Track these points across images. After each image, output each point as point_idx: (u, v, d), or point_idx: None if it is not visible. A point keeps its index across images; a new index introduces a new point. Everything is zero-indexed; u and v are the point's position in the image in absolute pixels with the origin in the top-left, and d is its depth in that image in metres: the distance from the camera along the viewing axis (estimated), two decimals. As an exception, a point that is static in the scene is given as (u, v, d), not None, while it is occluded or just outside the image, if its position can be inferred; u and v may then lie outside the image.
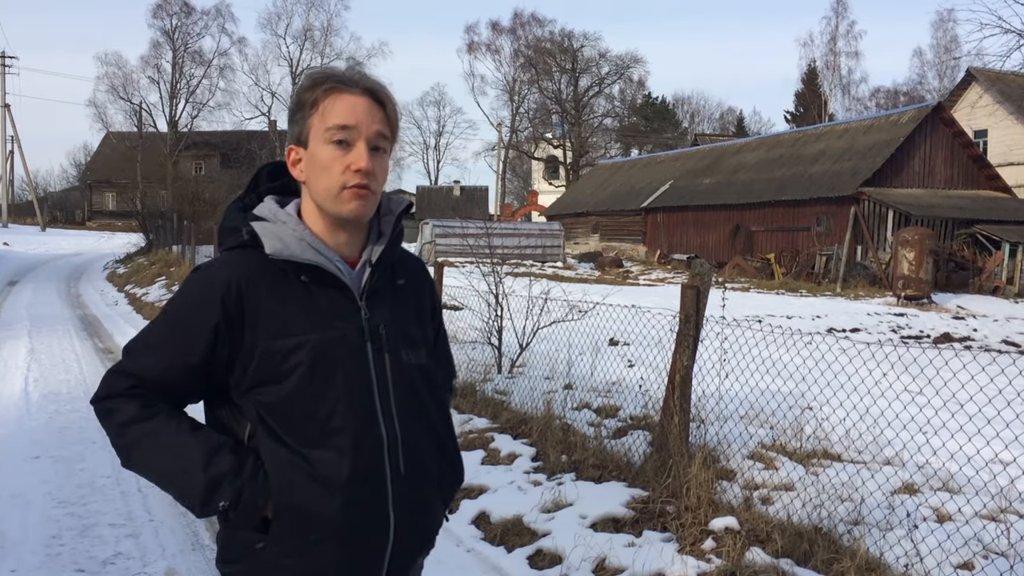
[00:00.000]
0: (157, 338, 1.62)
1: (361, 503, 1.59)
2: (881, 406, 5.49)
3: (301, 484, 1.56)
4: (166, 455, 1.56)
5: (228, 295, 1.57)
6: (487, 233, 8.71)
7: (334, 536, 1.57)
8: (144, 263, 24.35)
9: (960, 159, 26.46)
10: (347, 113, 1.58)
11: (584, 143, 58.62)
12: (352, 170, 1.57)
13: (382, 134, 1.61)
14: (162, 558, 4.10)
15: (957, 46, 48.81)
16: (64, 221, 62.28)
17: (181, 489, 1.57)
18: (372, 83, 1.62)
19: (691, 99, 75.57)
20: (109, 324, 13.42)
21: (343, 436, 1.58)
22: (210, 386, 1.63)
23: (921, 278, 18.62)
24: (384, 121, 1.62)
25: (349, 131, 1.58)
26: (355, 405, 1.60)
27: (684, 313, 4.85)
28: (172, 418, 1.59)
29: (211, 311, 1.57)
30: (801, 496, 4.46)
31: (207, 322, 1.57)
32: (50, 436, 6.32)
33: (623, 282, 22.69)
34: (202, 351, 1.57)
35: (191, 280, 1.64)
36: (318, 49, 57.88)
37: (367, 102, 1.60)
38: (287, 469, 1.56)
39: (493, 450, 5.66)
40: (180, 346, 1.58)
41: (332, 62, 56.92)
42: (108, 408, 1.61)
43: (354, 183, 1.58)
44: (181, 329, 1.59)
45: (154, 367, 1.59)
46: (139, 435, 1.58)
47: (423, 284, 1.84)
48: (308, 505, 1.56)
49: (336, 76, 1.61)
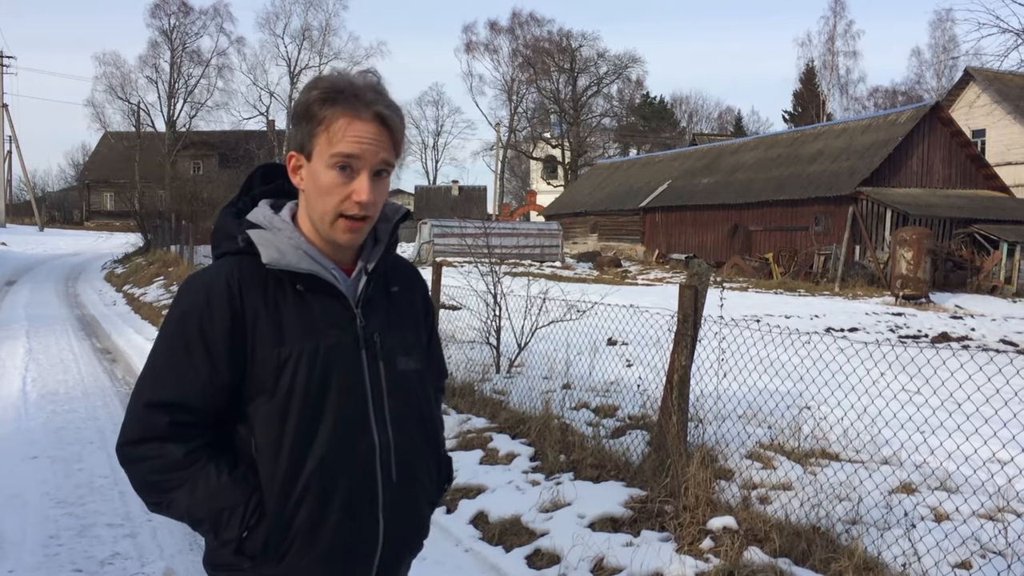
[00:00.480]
0: (178, 357, 1.56)
1: (352, 510, 1.60)
2: (879, 405, 5.49)
3: (295, 492, 1.56)
4: (209, 501, 1.55)
5: (232, 300, 1.56)
6: (485, 233, 8.71)
7: (324, 543, 1.58)
8: (142, 263, 24.34)
9: (958, 159, 26.49)
10: (354, 143, 1.54)
11: (582, 143, 58.65)
12: (353, 200, 1.56)
13: (387, 161, 1.59)
14: (160, 558, 4.10)
15: (955, 46, 48.88)
16: (62, 221, 62.22)
17: (215, 528, 1.56)
18: (383, 108, 1.57)
19: (689, 99, 75.66)
20: (107, 324, 13.41)
21: (336, 443, 1.58)
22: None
23: (919, 277, 18.63)
24: (390, 147, 1.59)
25: (354, 160, 1.55)
26: (349, 412, 1.60)
27: (682, 313, 4.85)
28: (211, 462, 1.56)
29: (221, 317, 1.55)
30: (799, 495, 4.47)
31: (222, 330, 1.55)
32: (48, 436, 6.31)
33: (621, 282, 22.70)
34: (227, 360, 1.55)
35: (191, 291, 1.59)
36: (316, 49, 57.86)
37: (376, 129, 1.56)
38: (282, 478, 1.56)
39: (491, 450, 5.66)
40: (204, 360, 1.54)
41: (331, 62, 56.95)
42: (143, 454, 1.55)
43: (351, 213, 1.57)
44: (199, 342, 1.55)
45: (187, 390, 1.55)
46: (181, 481, 1.55)
47: (416, 289, 1.85)
48: (300, 514, 1.57)
49: (350, 96, 1.55)
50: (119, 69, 57.41)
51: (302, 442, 1.56)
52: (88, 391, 8.02)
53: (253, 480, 1.57)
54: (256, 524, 1.55)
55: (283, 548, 1.57)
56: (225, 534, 1.55)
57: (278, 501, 1.56)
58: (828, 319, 14.05)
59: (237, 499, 1.54)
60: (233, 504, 1.54)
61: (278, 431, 1.56)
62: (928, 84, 52.41)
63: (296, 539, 1.57)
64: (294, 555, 1.57)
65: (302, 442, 1.56)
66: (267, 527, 1.55)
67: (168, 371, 1.57)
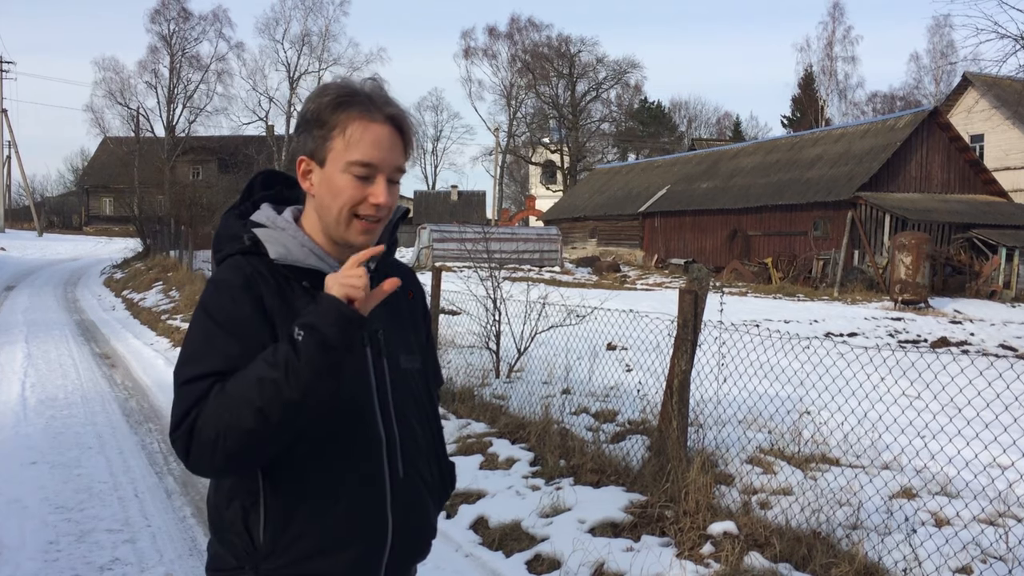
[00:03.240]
0: (208, 341, 1.51)
1: (361, 506, 1.60)
2: (879, 410, 5.49)
3: (302, 487, 1.56)
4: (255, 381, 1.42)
5: (251, 289, 1.56)
6: (485, 238, 8.73)
7: (330, 537, 1.58)
8: (141, 268, 24.33)
9: (957, 163, 26.54)
10: (372, 149, 1.56)
11: (581, 148, 58.68)
12: (371, 203, 1.58)
13: (399, 168, 1.62)
14: (160, 563, 4.09)
15: (953, 51, 49.00)
16: (61, 226, 62.18)
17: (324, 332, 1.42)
18: (395, 110, 1.60)
19: (688, 104, 75.68)
20: (106, 329, 13.40)
21: (343, 439, 1.59)
22: None
23: (918, 282, 18.65)
24: (403, 152, 1.62)
25: (371, 168, 1.57)
26: (355, 407, 1.60)
27: (682, 318, 4.85)
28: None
29: (244, 300, 1.54)
30: (799, 500, 4.46)
31: (249, 309, 1.53)
32: (47, 441, 6.30)
33: (621, 287, 22.71)
34: (256, 334, 1.51)
35: (212, 288, 1.59)
36: (316, 54, 57.84)
37: (391, 133, 1.58)
38: (289, 473, 1.56)
39: (491, 455, 5.66)
40: (233, 340, 1.50)
41: (330, 67, 56.98)
42: (191, 426, 1.44)
43: (367, 214, 1.58)
44: (229, 325, 1.51)
45: (222, 366, 1.48)
46: (245, 381, 1.43)
47: (415, 292, 1.86)
48: (310, 513, 1.56)
49: (362, 101, 1.56)
50: (118, 74, 57.38)
51: (309, 436, 1.56)
52: (87, 396, 8.01)
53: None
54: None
55: (289, 545, 1.56)
56: (344, 339, 1.42)
57: (285, 498, 1.55)
58: (827, 324, 14.05)
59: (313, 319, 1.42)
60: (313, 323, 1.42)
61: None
62: (927, 89, 52.53)
63: (302, 536, 1.56)
64: (300, 550, 1.56)
65: (309, 436, 1.56)
66: (274, 512, 1.53)
67: (200, 352, 1.52)
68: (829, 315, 15.63)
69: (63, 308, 16.85)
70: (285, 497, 1.56)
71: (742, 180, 30.99)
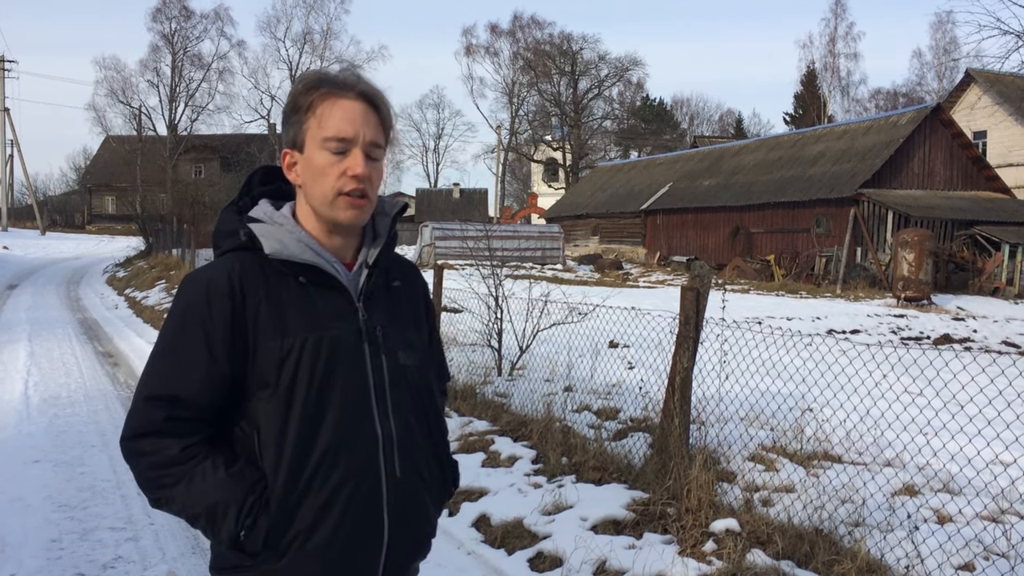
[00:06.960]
0: (177, 351, 1.57)
1: (356, 504, 1.59)
2: (881, 407, 5.49)
3: (299, 486, 1.56)
4: (204, 497, 1.54)
5: (233, 294, 1.57)
6: (487, 236, 8.72)
7: (328, 538, 1.58)
8: (144, 267, 24.37)
9: (959, 160, 26.48)
10: (344, 123, 1.58)
11: (583, 145, 58.61)
12: (349, 176, 1.59)
13: (376, 143, 1.63)
14: (162, 561, 4.10)
15: (956, 47, 48.88)
16: (64, 225, 62.20)
17: (211, 525, 1.56)
18: (367, 87, 1.63)
19: (690, 101, 75.66)
20: (109, 328, 13.42)
21: (339, 435, 1.59)
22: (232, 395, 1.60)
23: (921, 279, 18.62)
24: (379, 127, 1.63)
25: (346, 142, 1.59)
26: (352, 404, 1.60)
27: (684, 315, 4.85)
28: (208, 457, 1.56)
29: (221, 311, 1.56)
30: (802, 498, 4.46)
31: (223, 322, 1.56)
32: (50, 440, 6.31)
33: (623, 284, 22.69)
34: (227, 353, 1.56)
35: (191, 287, 1.60)
36: (318, 53, 57.79)
37: (363, 107, 1.61)
38: (286, 471, 1.56)
39: (493, 452, 5.66)
40: (203, 354, 1.55)
41: (330, 65, 56.98)
42: (142, 449, 1.56)
43: (350, 188, 1.59)
44: (199, 336, 1.56)
45: (185, 384, 1.55)
46: (178, 478, 1.55)
47: (417, 286, 1.86)
48: (304, 507, 1.56)
49: (332, 80, 1.61)
50: (120, 73, 57.28)
51: (305, 434, 1.56)
52: (90, 394, 8.02)
53: (251, 476, 1.56)
54: (254, 522, 1.54)
55: (286, 543, 1.56)
56: (222, 531, 1.55)
57: (282, 495, 1.56)
58: (830, 321, 14.04)
59: (232, 495, 1.54)
60: (228, 500, 1.53)
61: (282, 424, 1.56)
62: (929, 86, 52.39)
63: (300, 534, 1.57)
64: (298, 551, 1.57)
65: (305, 434, 1.56)
66: (268, 521, 1.55)
67: (167, 366, 1.58)
68: (831, 312, 15.62)
69: (66, 307, 16.88)
70: (284, 496, 1.56)
71: (744, 177, 30.95)
